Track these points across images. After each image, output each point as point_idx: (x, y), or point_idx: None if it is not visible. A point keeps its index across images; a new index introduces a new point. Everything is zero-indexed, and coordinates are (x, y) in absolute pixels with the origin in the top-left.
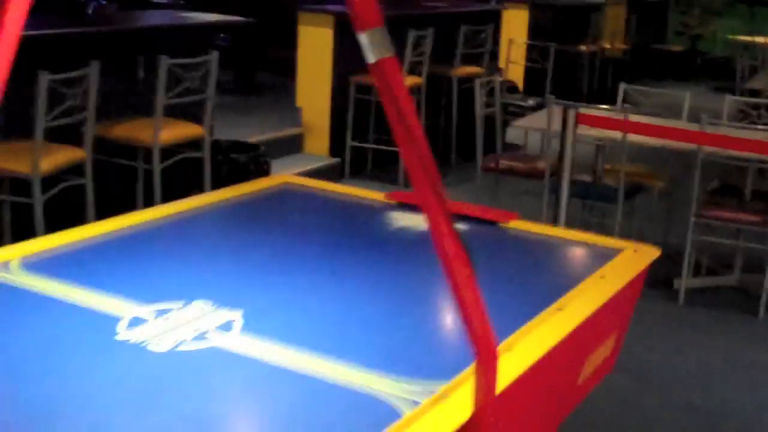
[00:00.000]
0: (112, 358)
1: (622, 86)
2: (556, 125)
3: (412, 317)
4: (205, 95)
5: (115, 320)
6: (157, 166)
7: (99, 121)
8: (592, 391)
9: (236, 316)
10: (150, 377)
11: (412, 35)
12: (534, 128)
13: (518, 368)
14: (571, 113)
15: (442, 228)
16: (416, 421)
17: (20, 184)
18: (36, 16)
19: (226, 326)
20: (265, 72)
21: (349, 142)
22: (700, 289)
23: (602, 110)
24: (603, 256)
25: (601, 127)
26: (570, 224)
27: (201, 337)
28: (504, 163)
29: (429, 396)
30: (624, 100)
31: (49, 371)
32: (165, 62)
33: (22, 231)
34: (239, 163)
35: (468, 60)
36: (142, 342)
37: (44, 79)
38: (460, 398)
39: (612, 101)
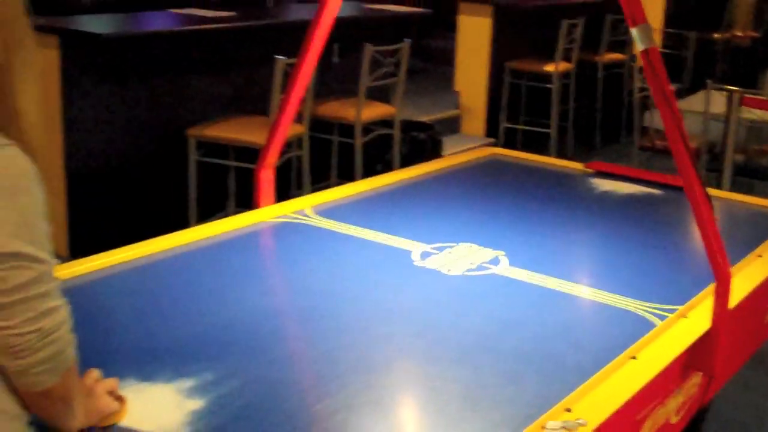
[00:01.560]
0: (416, 280)
1: None
2: (713, 108)
3: (640, 257)
4: (397, 78)
5: (408, 253)
6: (359, 141)
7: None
8: None
9: (500, 254)
10: (451, 293)
11: (564, 24)
12: (691, 111)
13: (740, 294)
14: (736, 96)
15: (693, 180)
16: (667, 330)
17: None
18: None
19: (495, 261)
20: (417, 59)
21: (503, 124)
22: None
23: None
24: None
25: (766, 109)
26: None
27: (480, 267)
28: (660, 142)
29: (673, 314)
30: None
31: (366, 291)
32: (369, 49)
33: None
34: (418, 140)
35: (612, 47)
36: (437, 268)
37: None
38: (700, 313)
39: (745, 87)
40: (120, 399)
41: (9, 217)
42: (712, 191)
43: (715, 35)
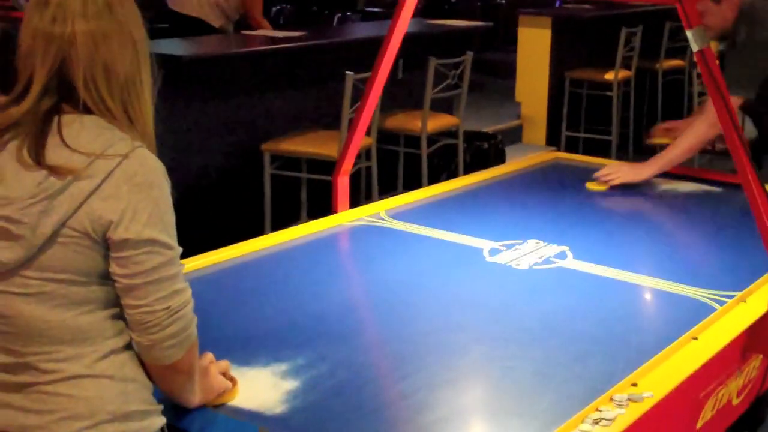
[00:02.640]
0: (488, 273)
1: None
2: None
3: (700, 248)
4: (460, 90)
5: (479, 250)
6: (424, 152)
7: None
8: None
9: (565, 249)
10: (521, 284)
11: (623, 32)
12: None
13: None
14: None
15: (748, 172)
16: (727, 313)
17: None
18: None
19: (561, 255)
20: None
21: (564, 132)
22: None
23: None
24: None
25: None
26: None
27: (547, 261)
28: (719, 145)
29: (732, 299)
30: None
31: (441, 284)
32: (432, 62)
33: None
34: (482, 149)
35: (672, 54)
36: (507, 262)
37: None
38: (757, 299)
39: None
40: (232, 380)
41: (145, 208)
42: None
43: None
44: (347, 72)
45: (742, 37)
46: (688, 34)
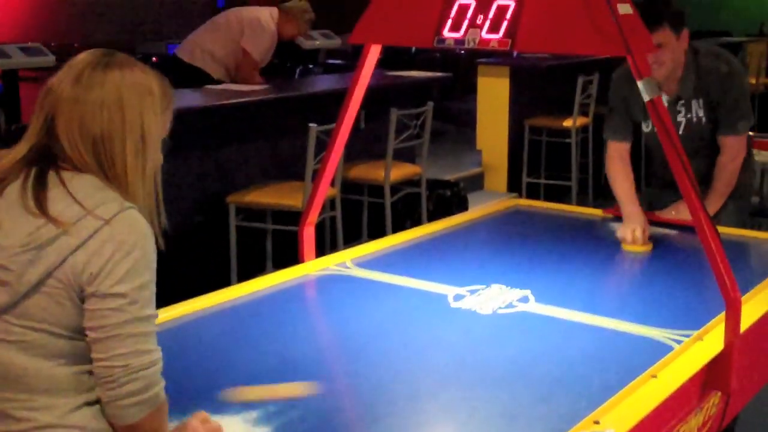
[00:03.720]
0: (453, 319)
1: None
2: None
3: (657, 289)
4: (422, 139)
5: (443, 296)
6: (388, 200)
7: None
8: None
9: (527, 293)
10: (485, 329)
11: (580, 80)
12: None
13: (752, 317)
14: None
15: (701, 215)
16: (684, 353)
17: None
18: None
19: (524, 299)
20: (439, 121)
21: (525, 179)
22: None
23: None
24: None
25: None
26: None
27: (510, 305)
28: None
29: (689, 338)
30: None
31: (407, 330)
32: (394, 113)
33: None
34: (445, 197)
35: None
36: (471, 308)
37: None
38: (714, 337)
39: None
40: None
41: (123, 266)
42: (726, 229)
43: None
44: (311, 124)
45: (692, 84)
46: (640, 84)
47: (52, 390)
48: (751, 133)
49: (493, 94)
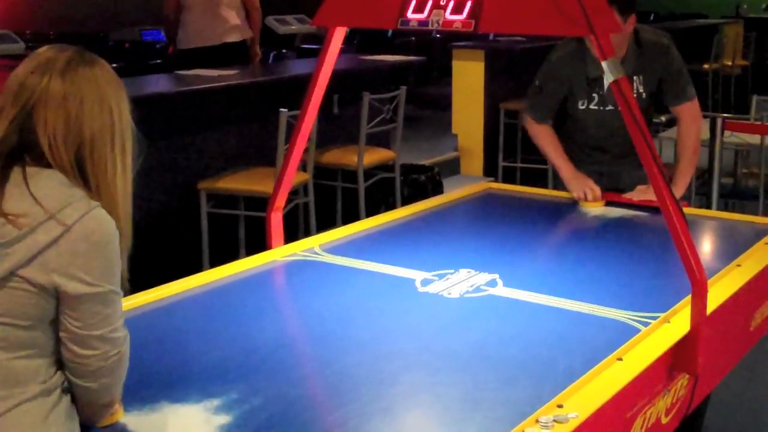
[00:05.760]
0: (420, 303)
1: (755, 98)
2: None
3: (625, 271)
4: (396, 124)
5: (411, 281)
6: (361, 186)
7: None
8: None
9: (495, 277)
10: (452, 313)
11: None
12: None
13: (718, 299)
14: (719, 121)
15: (666, 196)
16: (651, 334)
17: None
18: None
19: (492, 283)
20: (415, 106)
21: (501, 163)
22: None
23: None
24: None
25: (748, 132)
26: None
27: (478, 289)
28: None
29: (656, 320)
30: None
31: (374, 315)
32: (367, 97)
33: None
34: (419, 182)
35: None
36: (439, 292)
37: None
38: (680, 319)
39: (738, 113)
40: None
41: (99, 265)
42: (699, 211)
43: (705, 66)
44: (281, 109)
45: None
46: (603, 65)
47: (9, 381)
48: (726, 115)
49: (468, 78)
